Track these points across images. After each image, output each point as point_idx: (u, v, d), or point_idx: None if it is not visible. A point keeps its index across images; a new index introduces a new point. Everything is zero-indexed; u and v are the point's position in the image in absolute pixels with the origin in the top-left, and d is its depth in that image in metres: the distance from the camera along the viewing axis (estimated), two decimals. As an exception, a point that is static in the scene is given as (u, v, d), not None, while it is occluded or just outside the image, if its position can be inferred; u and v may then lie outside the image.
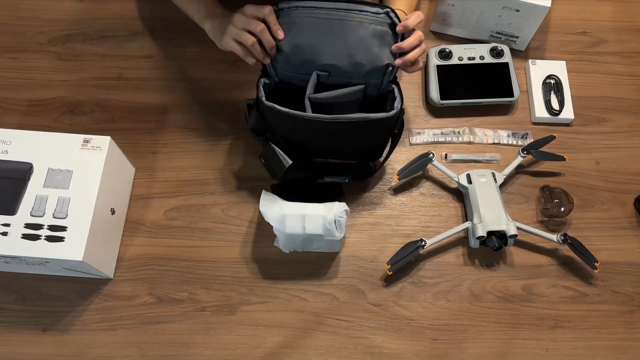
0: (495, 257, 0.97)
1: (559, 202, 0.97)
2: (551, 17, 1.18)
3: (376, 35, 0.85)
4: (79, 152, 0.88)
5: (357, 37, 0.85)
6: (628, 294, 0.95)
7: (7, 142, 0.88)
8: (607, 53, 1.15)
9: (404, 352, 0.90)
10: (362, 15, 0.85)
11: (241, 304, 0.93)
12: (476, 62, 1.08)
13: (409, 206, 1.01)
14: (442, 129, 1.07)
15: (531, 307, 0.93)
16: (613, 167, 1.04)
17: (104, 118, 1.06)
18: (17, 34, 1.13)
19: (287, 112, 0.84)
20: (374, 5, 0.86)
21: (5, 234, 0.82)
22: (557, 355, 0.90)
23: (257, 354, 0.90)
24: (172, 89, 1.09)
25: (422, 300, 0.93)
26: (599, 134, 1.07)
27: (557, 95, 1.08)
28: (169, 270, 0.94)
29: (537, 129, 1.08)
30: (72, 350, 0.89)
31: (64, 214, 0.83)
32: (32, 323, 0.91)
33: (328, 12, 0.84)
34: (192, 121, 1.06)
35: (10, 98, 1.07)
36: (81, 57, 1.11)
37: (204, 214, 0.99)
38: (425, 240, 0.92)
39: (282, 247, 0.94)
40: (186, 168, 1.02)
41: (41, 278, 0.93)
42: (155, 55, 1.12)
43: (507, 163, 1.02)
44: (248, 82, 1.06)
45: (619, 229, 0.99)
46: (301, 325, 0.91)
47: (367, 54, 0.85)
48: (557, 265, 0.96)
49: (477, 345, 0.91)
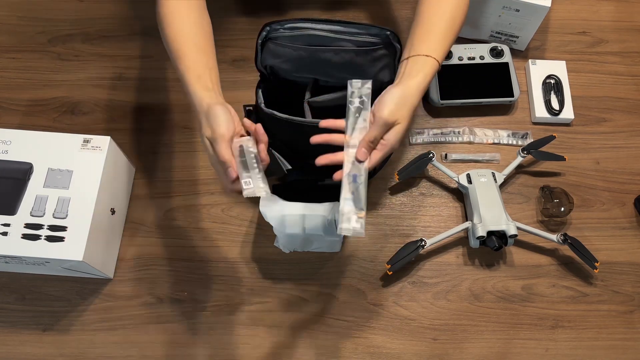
0: (495, 257, 0.97)
1: (559, 202, 0.97)
2: (551, 17, 1.18)
3: (375, 59, 0.86)
4: (79, 152, 0.88)
5: (354, 64, 0.85)
6: (628, 294, 0.95)
7: (7, 142, 0.88)
8: (607, 53, 1.15)
9: (404, 352, 0.90)
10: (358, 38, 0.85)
11: (241, 304, 0.93)
12: (476, 62, 1.08)
13: (409, 206, 1.01)
14: (442, 129, 1.07)
15: (531, 307, 0.93)
16: (613, 167, 1.04)
17: (104, 118, 1.06)
18: (17, 34, 1.14)
19: (286, 119, 0.83)
20: (372, 27, 0.85)
21: (5, 234, 0.82)
22: (557, 355, 0.90)
23: (257, 354, 0.90)
24: (172, 89, 1.09)
25: (422, 300, 0.93)
26: (599, 133, 1.07)
27: (557, 95, 1.08)
28: (169, 270, 0.95)
29: (537, 129, 1.08)
30: (72, 350, 0.89)
31: (64, 214, 0.84)
32: (32, 323, 0.91)
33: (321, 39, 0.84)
34: (192, 121, 1.06)
35: (10, 98, 1.07)
36: (81, 57, 1.11)
37: (204, 214, 0.99)
38: (425, 240, 0.92)
39: (282, 247, 0.94)
40: (186, 168, 1.02)
41: (41, 278, 0.93)
42: (155, 55, 1.12)
43: (507, 163, 1.02)
44: (247, 82, 1.06)
45: (619, 229, 0.99)
46: (301, 325, 0.91)
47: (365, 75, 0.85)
48: (557, 265, 0.96)
49: (477, 345, 0.91)
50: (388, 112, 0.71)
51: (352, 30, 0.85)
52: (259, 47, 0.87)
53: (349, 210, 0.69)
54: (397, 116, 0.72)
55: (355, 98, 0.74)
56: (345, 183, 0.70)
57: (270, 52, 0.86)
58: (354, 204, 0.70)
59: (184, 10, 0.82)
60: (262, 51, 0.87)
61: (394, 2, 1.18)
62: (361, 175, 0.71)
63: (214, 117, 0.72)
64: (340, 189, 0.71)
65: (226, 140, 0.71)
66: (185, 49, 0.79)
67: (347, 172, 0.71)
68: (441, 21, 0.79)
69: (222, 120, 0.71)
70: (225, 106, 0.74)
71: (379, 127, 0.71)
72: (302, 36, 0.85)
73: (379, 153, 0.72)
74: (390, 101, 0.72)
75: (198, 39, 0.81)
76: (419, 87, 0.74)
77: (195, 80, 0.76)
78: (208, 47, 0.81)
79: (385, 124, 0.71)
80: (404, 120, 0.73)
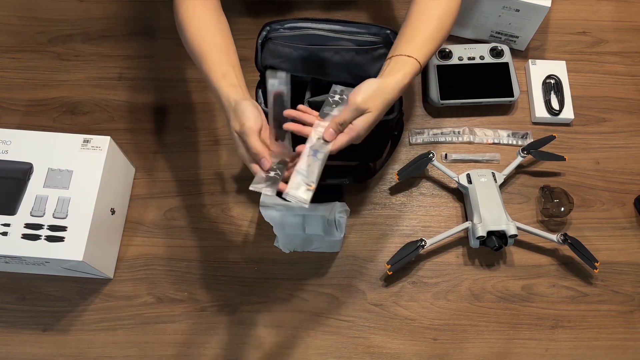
0: (495, 257, 0.97)
1: (559, 202, 0.97)
2: (551, 17, 1.18)
3: (375, 58, 0.86)
4: (79, 152, 0.88)
5: (354, 63, 0.86)
6: (628, 294, 0.95)
7: (7, 142, 0.88)
8: (607, 53, 1.15)
9: (404, 352, 0.90)
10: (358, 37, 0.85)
11: (241, 304, 0.93)
12: (476, 62, 1.08)
13: (409, 206, 1.01)
14: (442, 129, 1.07)
15: (531, 307, 0.93)
16: (613, 167, 1.04)
17: (104, 118, 1.06)
18: (17, 34, 1.14)
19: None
20: (372, 26, 0.86)
21: (5, 234, 0.82)
22: (557, 355, 0.90)
23: (257, 354, 0.90)
24: (172, 89, 1.09)
25: (422, 300, 0.93)
26: (599, 133, 1.07)
27: (557, 95, 1.08)
28: (169, 270, 0.95)
29: (537, 129, 1.08)
30: (72, 350, 0.89)
31: (64, 214, 0.84)
32: (32, 323, 0.91)
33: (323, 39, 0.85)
34: (192, 121, 1.06)
35: (10, 98, 1.07)
36: (81, 57, 1.11)
37: (204, 214, 0.99)
38: (425, 240, 0.92)
39: (282, 247, 0.94)
40: (186, 168, 1.02)
41: (41, 278, 0.93)
42: (155, 55, 1.12)
43: (507, 163, 1.02)
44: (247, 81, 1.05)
45: (619, 229, 0.99)
46: (301, 325, 0.91)
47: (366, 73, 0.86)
48: (557, 265, 0.96)
49: (477, 345, 0.91)
50: (361, 98, 0.73)
51: (352, 29, 0.85)
52: (259, 46, 0.87)
53: (300, 181, 0.71)
54: (370, 105, 0.74)
55: (336, 95, 0.78)
56: (304, 155, 0.73)
57: (270, 51, 0.86)
58: (307, 176, 0.72)
59: (201, 11, 0.84)
60: (262, 51, 0.87)
61: (394, 2, 1.18)
62: (322, 152, 0.73)
63: (241, 111, 0.74)
64: (299, 160, 0.73)
65: (255, 133, 0.73)
66: (207, 49, 0.81)
67: (310, 146, 0.73)
68: (429, 24, 0.81)
69: (250, 114, 0.73)
70: (252, 101, 0.76)
71: (350, 112, 0.73)
72: (302, 36, 0.85)
73: (345, 137, 0.74)
74: (365, 90, 0.74)
75: (218, 38, 0.82)
76: (397, 85, 0.76)
77: (220, 78, 0.78)
78: (229, 45, 0.83)
79: (357, 109, 0.73)
80: (375, 111, 0.74)
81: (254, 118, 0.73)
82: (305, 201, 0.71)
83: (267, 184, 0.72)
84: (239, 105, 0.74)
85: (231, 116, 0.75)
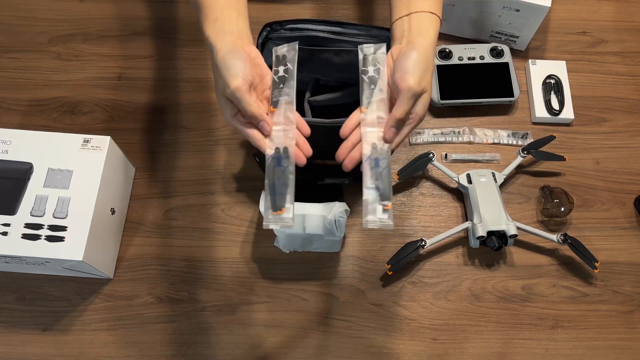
0: (495, 257, 0.97)
1: (559, 202, 0.97)
2: (551, 17, 1.18)
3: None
4: (79, 152, 0.88)
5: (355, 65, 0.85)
6: (628, 294, 0.95)
7: (7, 142, 0.88)
8: (607, 53, 1.15)
9: (403, 352, 0.90)
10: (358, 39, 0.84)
11: (241, 304, 0.93)
12: (476, 62, 1.08)
13: (409, 206, 1.01)
14: (442, 129, 1.07)
15: (531, 307, 0.93)
16: (613, 167, 1.05)
17: (104, 118, 1.06)
18: (17, 34, 1.14)
19: None
20: (372, 28, 0.84)
21: (5, 234, 0.82)
22: (557, 355, 0.90)
23: (257, 354, 0.90)
24: (172, 89, 1.09)
25: (422, 300, 0.93)
26: (599, 134, 1.07)
27: (557, 95, 1.08)
28: (169, 270, 0.95)
29: (537, 129, 1.08)
30: (72, 350, 0.89)
31: (64, 214, 0.84)
32: (32, 323, 0.91)
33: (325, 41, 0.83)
34: (192, 121, 1.06)
35: (10, 98, 1.07)
36: (81, 57, 1.11)
37: (204, 214, 0.99)
38: (425, 240, 0.92)
39: (282, 247, 0.94)
40: (186, 168, 1.02)
41: (41, 278, 0.93)
42: (155, 55, 1.12)
43: (507, 163, 1.02)
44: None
45: (619, 229, 0.99)
46: (301, 325, 0.91)
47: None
48: (557, 265, 0.96)
49: (477, 345, 0.91)
50: (414, 81, 0.61)
51: (353, 31, 0.85)
52: (259, 47, 0.87)
53: (374, 200, 0.60)
54: (424, 84, 0.62)
55: (368, 66, 0.65)
56: (366, 169, 0.61)
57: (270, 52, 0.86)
58: (379, 193, 0.61)
59: None
60: (263, 51, 0.87)
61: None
62: (384, 158, 0.61)
63: (227, 67, 0.61)
64: (362, 176, 0.62)
65: (246, 92, 0.61)
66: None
67: (368, 156, 0.62)
68: None
69: (239, 69, 0.61)
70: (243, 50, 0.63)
71: (407, 100, 0.61)
72: (303, 37, 0.85)
73: (406, 129, 0.63)
74: (413, 68, 0.62)
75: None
76: (433, 47, 0.64)
77: (210, 25, 0.64)
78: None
79: (414, 96, 0.62)
80: (430, 87, 0.63)
81: (242, 74, 0.61)
82: (389, 224, 0.60)
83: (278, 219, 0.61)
84: (225, 58, 0.61)
85: (215, 74, 0.63)
